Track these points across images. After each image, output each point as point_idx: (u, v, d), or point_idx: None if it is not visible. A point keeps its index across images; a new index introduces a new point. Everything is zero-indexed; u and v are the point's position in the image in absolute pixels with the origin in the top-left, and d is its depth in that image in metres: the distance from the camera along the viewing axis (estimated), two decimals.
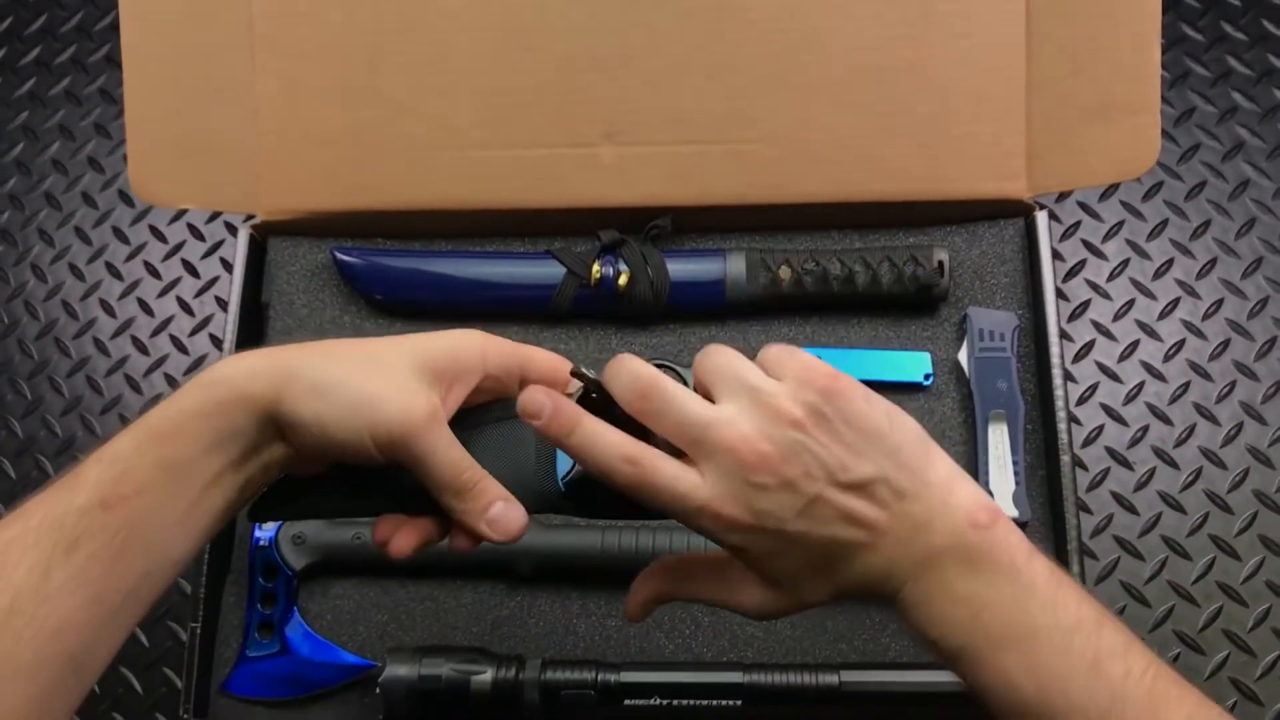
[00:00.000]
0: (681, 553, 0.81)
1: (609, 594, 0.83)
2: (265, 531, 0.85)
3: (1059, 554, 0.81)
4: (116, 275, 1.03)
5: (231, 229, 1.03)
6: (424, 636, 0.83)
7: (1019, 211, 0.88)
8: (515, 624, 0.83)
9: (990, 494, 0.82)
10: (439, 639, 0.83)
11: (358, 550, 0.83)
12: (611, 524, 0.84)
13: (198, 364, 1.00)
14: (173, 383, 0.99)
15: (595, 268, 0.87)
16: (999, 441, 0.83)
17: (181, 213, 1.05)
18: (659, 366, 0.55)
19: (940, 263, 0.86)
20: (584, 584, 0.83)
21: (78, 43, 1.11)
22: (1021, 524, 0.82)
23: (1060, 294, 0.89)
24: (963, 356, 0.86)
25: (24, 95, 1.10)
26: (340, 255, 0.90)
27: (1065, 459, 0.81)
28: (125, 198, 1.06)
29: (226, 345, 0.88)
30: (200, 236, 1.04)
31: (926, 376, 0.86)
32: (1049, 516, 0.83)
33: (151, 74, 0.90)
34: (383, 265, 0.90)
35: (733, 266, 0.87)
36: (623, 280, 0.87)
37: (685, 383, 0.56)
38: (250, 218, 0.91)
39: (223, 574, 0.85)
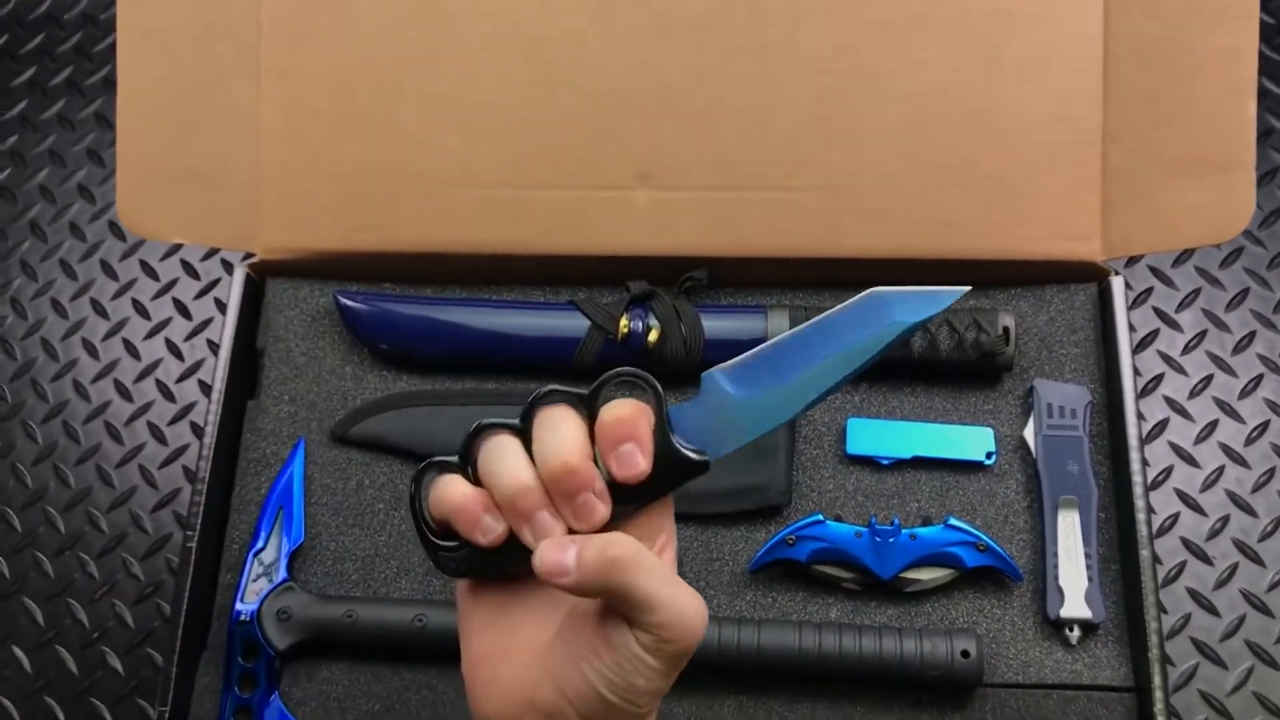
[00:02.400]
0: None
1: None
2: (247, 605, 0.76)
3: (1136, 660, 0.72)
4: (102, 313, 0.96)
5: (228, 267, 0.96)
6: None
7: (1091, 275, 0.80)
8: None
9: (1060, 590, 0.73)
10: None
11: (349, 629, 0.75)
12: None
13: (184, 412, 0.92)
14: (156, 431, 0.91)
15: (623, 321, 0.79)
16: (1069, 531, 0.75)
17: (175, 248, 0.97)
18: (630, 377, 0.47)
19: (1005, 329, 0.78)
20: None
21: (75, 64, 1.04)
22: (1094, 626, 0.73)
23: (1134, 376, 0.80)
24: (1029, 434, 0.77)
25: (14, 118, 1.03)
26: (343, 299, 0.82)
27: (1145, 553, 0.72)
28: (116, 230, 0.98)
29: (215, 393, 0.80)
30: (195, 274, 0.96)
31: (989, 455, 0.77)
32: (1124, 617, 0.74)
33: (147, 95, 0.83)
34: (390, 312, 0.82)
35: (774, 324, 0.79)
36: (653, 336, 0.78)
37: (661, 400, 0.47)
38: (248, 256, 0.83)
39: (197, 651, 0.77)
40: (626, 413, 0.46)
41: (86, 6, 1.06)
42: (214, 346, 0.93)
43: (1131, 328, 0.86)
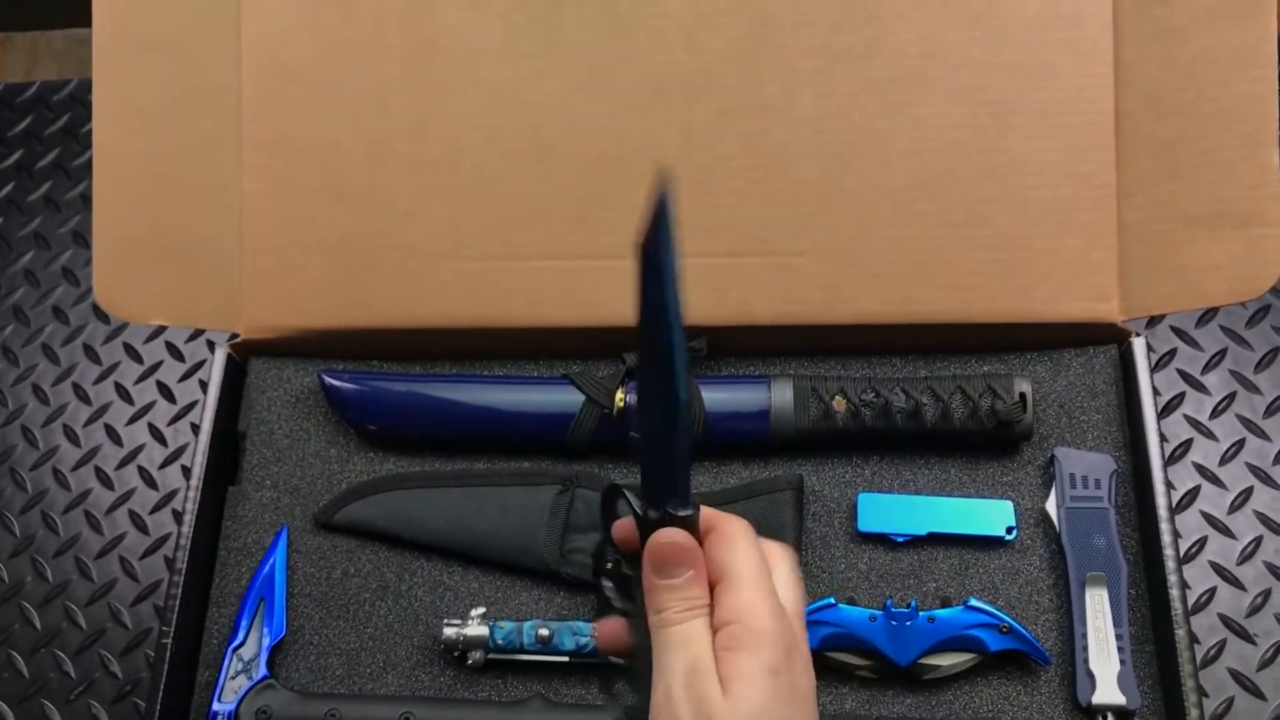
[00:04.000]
0: None
1: None
2: (225, 704, 0.71)
3: None
4: (84, 398, 0.92)
5: (213, 348, 0.92)
6: None
7: (1111, 337, 0.76)
8: None
9: (1090, 675, 0.68)
10: None
11: None
12: (632, 705, 0.70)
13: (167, 500, 0.88)
14: (137, 520, 0.87)
15: (619, 395, 0.75)
16: (1098, 610, 0.70)
17: (159, 330, 0.94)
18: (612, 490, 0.51)
19: (1022, 395, 0.74)
20: None
21: (62, 145, 1.02)
22: (1129, 713, 0.68)
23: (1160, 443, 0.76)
24: (1051, 506, 0.73)
25: (0, 200, 1.01)
26: (328, 378, 0.79)
27: (1180, 632, 0.67)
28: (100, 313, 0.95)
29: (194, 479, 0.76)
30: (179, 356, 0.93)
31: (1009, 530, 0.73)
32: (1161, 703, 0.69)
33: (125, 169, 0.80)
34: (377, 390, 0.79)
35: (778, 396, 0.75)
36: None
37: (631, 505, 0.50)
38: (234, 336, 0.80)
39: None
40: None
41: (74, 89, 1.04)
42: (198, 430, 0.89)
43: (1156, 391, 0.82)
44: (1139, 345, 0.75)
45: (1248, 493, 0.81)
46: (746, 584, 0.48)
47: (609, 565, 0.71)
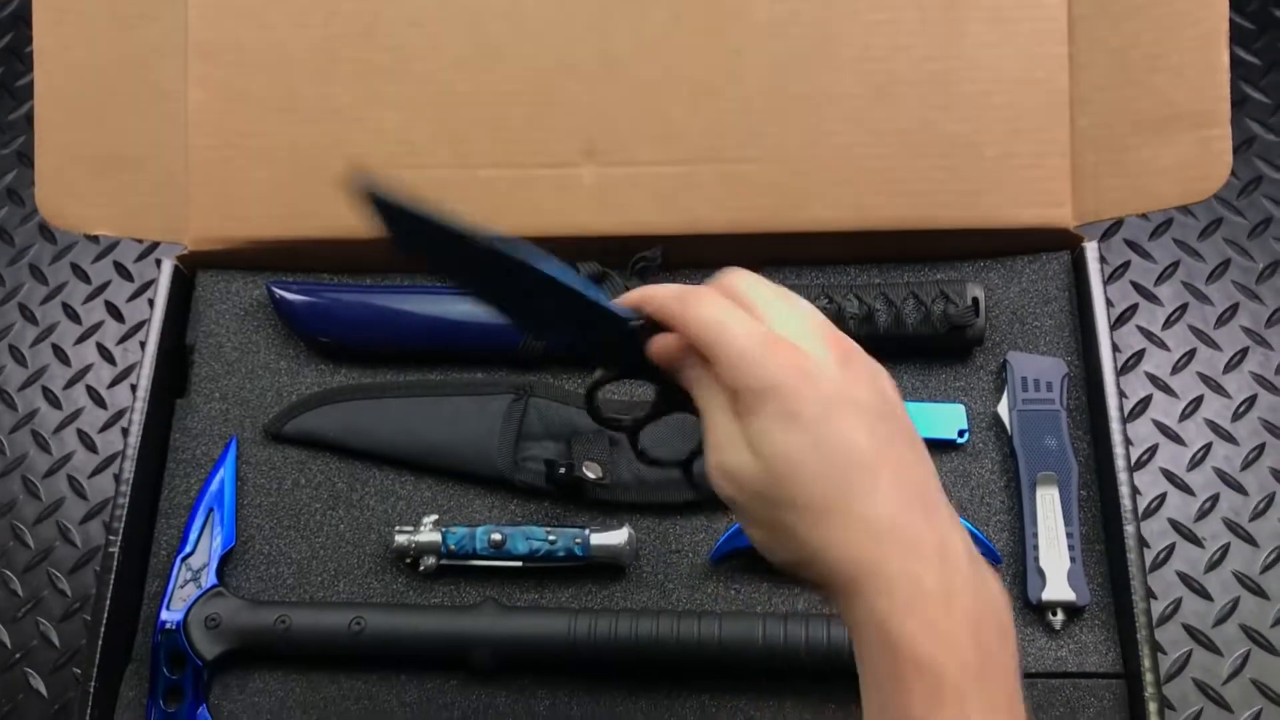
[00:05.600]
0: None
1: (584, 693, 0.69)
2: (173, 613, 0.71)
3: (1125, 645, 0.67)
4: (31, 319, 0.91)
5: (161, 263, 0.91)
6: None
7: (1064, 244, 0.76)
8: None
9: (1041, 572, 0.68)
10: None
11: (282, 636, 0.70)
12: (585, 608, 0.70)
13: (116, 418, 0.87)
14: (85, 439, 0.86)
15: None
16: (1049, 509, 0.70)
17: (107, 250, 0.92)
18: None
19: (974, 299, 0.74)
20: (553, 680, 0.69)
21: (5, 65, 1.00)
22: (1079, 609, 0.68)
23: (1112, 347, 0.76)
24: (1003, 409, 0.73)
25: None
26: (278, 290, 0.78)
27: (1129, 529, 0.68)
28: (46, 233, 0.93)
29: (141, 391, 0.75)
30: (128, 276, 0.92)
31: (961, 433, 0.73)
32: (1110, 600, 0.69)
33: (67, 79, 0.79)
34: (327, 302, 0.78)
35: None
36: None
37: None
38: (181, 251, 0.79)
39: (122, 664, 0.71)
40: None
41: (17, 7, 1.02)
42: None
43: (1110, 302, 0.82)
44: (1091, 250, 0.75)
45: (1198, 401, 0.81)
46: (721, 350, 0.46)
47: (562, 471, 0.71)
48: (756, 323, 0.47)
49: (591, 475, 0.71)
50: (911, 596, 0.42)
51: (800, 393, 0.44)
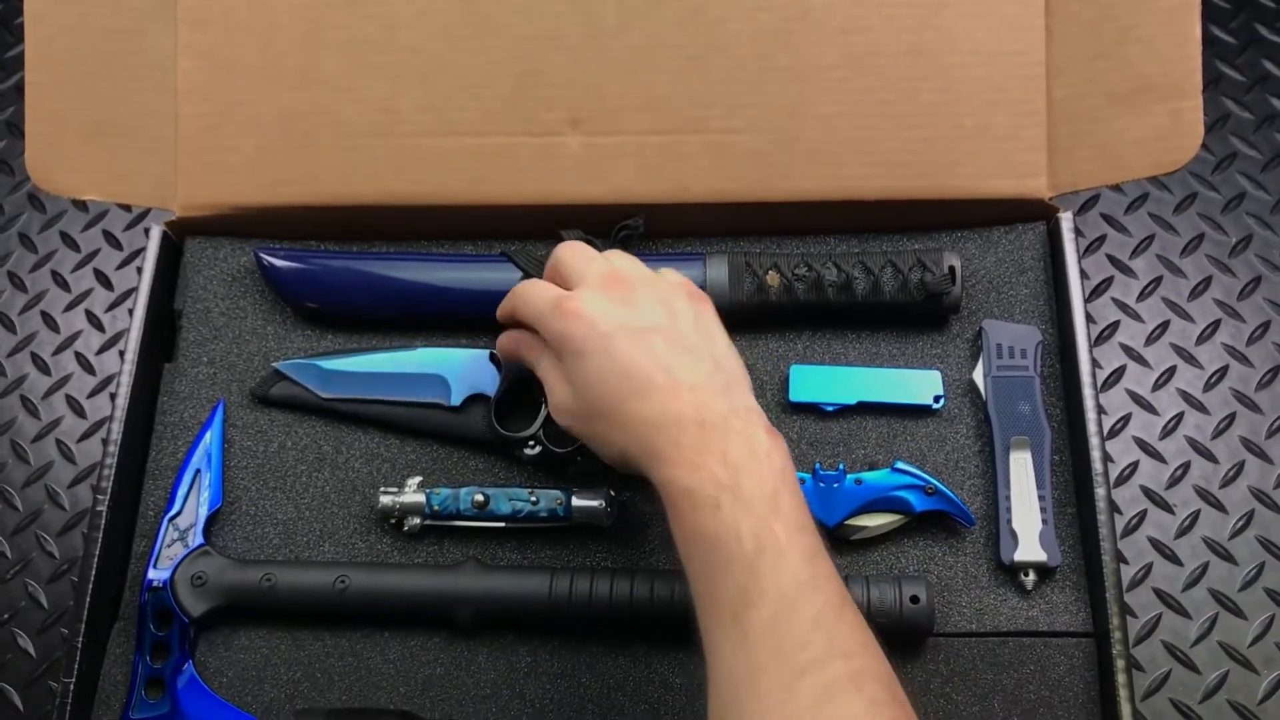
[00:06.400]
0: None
1: (564, 649, 0.70)
2: (160, 571, 0.72)
3: (1095, 605, 0.69)
4: (20, 286, 0.92)
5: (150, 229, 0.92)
6: (341, 697, 0.70)
7: (1039, 214, 0.78)
8: (450, 684, 0.70)
9: (1014, 534, 0.70)
10: (359, 700, 0.70)
11: (267, 594, 0.71)
12: (565, 566, 0.71)
13: (105, 384, 0.88)
14: (74, 405, 0.87)
15: None
16: (1021, 473, 0.71)
17: (97, 219, 0.93)
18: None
19: (951, 268, 0.75)
20: (533, 637, 0.71)
21: None
22: (1050, 570, 0.70)
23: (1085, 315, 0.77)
24: (978, 375, 0.74)
25: None
26: (265, 256, 0.79)
27: (1100, 492, 0.69)
28: (36, 202, 0.94)
29: (129, 355, 0.76)
30: (117, 244, 0.93)
31: (937, 399, 0.74)
32: (1081, 561, 0.70)
33: (58, 46, 0.79)
34: (313, 268, 0.79)
35: (713, 272, 0.76)
36: None
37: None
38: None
39: (109, 621, 0.72)
40: None
41: None
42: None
43: (1086, 275, 0.84)
44: (1066, 220, 0.76)
45: (1171, 371, 0.83)
46: (529, 318, 0.66)
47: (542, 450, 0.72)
48: (550, 289, 0.64)
49: (581, 468, 0.73)
50: (673, 454, 0.57)
51: (582, 333, 0.61)
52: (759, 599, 0.53)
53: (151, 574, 0.72)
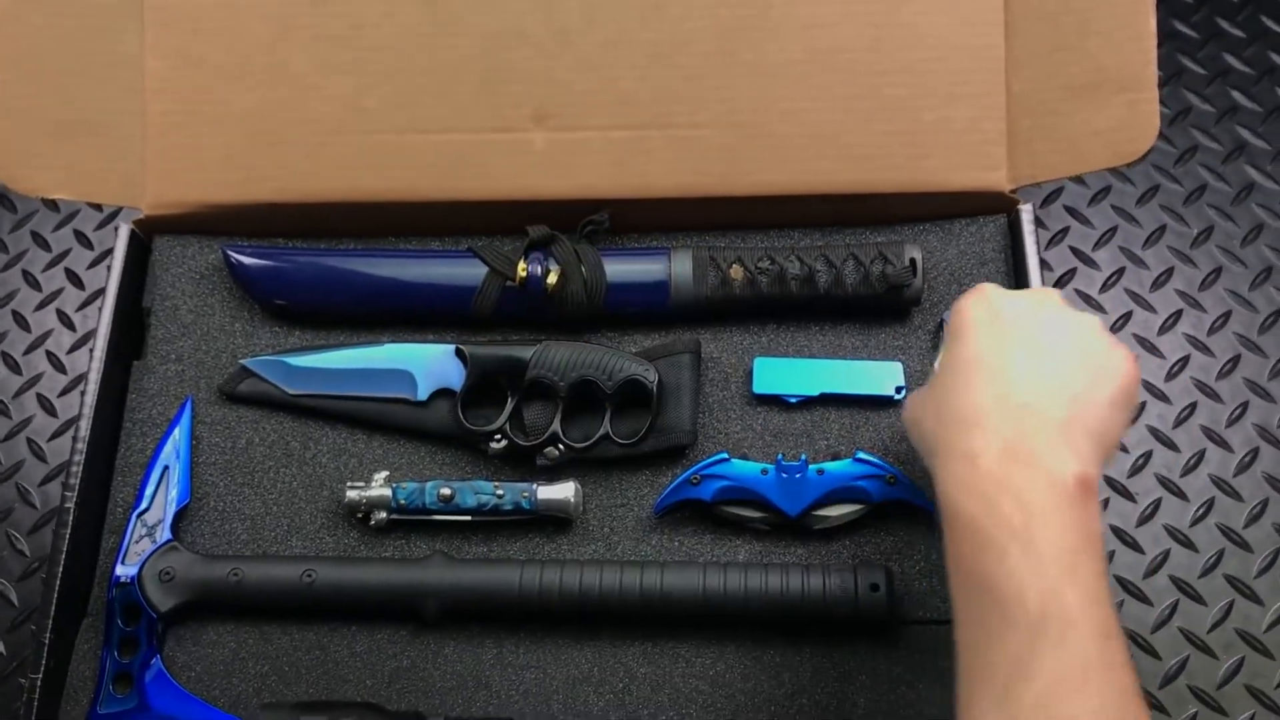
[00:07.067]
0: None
1: (528, 640, 0.71)
2: (128, 567, 0.72)
3: None
4: None
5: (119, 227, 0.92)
6: (309, 690, 0.70)
7: (1000, 206, 0.78)
8: (416, 675, 0.70)
9: None
10: (326, 693, 0.70)
11: (235, 589, 0.71)
12: (532, 559, 0.72)
13: (75, 383, 0.88)
14: (45, 403, 0.87)
15: (521, 266, 0.76)
16: None
17: (68, 219, 0.94)
18: None
19: (912, 260, 0.76)
20: (499, 629, 0.71)
21: None
22: None
23: None
24: (939, 366, 0.75)
25: None
26: (233, 254, 0.79)
27: None
28: (7, 202, 0.95)
29: (98, 352, 0.76)
30: (88, 244, 0.93)
31: (899, 389, 0.75)
32: None
33: (28, 45, 0.80)
34: (280, 265, 0.79)
35: (678, 266, 0.77)
36: (551, 279, 0.76)
37: None
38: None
39: (78, 617, 0.73)
40: None
41: None
42: None
43: (1049, 267, 0.85)
44: (1026, 212, 0.77)
45: None
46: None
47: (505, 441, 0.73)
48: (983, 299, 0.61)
49: (547, 462, 0.73)
50: (967, 475, 0.52)
51: (972, 315, 0.60)
52: (1034, 674, 0.46)
53: (119, 570, 0.72)
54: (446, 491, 0.72)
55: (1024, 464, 0.51)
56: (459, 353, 0.76)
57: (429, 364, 0.77)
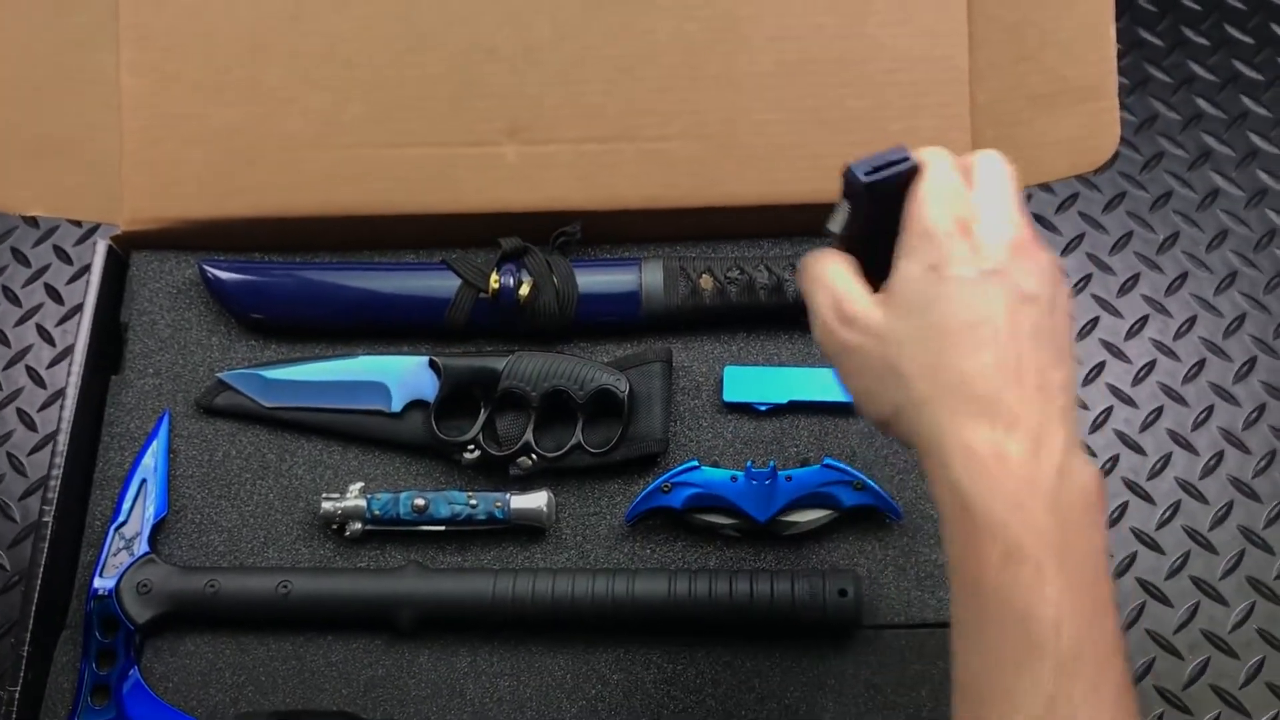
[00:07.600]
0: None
1: (502, 649, 0.72)
2: (106, 580, 0.73)
3: None
4: None
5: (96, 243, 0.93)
6: (285, 700, 0.71)
7: None
8: (392, 685, 0.71)
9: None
10: (302, 703, 0.71)
11: (211, 600, 0.72)
12: (506, 568, 0.72)
13: (55, 397, 0.89)
14: (25, 418, 0.88)
15: (493, 278, 0.77)
16: None
17: (48, 234, 0.94)
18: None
19: None
20: (473, 637, 0.72)
21: None
22: None
23: None
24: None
25: None
26: (209, 269, 0.80)
27: None
28: None
29: (75, 365, 0.77)
30: (67, 259, 0.94)
31: None
32: None
33: (4, 64, 0.81)
34: (256, 279, 0.80)
35: (649, 276, 0.78)
36: (524, 290, 0.77)
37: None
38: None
39: (56, 629, 0.73)
40: None
41: None
42: None
43: None
44: None
45: (1100, 367, 0.85)
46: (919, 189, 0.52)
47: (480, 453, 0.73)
48: (956, 180, 0.52)
49: (520, 471, 0.74)
50: (992, 466, 0.44)
51: (954, 251, 0.48)
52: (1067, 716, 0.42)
53: (97, 582, 0.73)
54: (420, 502, 0.73)
55: (1053, 464, 0.44)
56: (432, 364, 0.77)
57: (403, 376, 0.78)
